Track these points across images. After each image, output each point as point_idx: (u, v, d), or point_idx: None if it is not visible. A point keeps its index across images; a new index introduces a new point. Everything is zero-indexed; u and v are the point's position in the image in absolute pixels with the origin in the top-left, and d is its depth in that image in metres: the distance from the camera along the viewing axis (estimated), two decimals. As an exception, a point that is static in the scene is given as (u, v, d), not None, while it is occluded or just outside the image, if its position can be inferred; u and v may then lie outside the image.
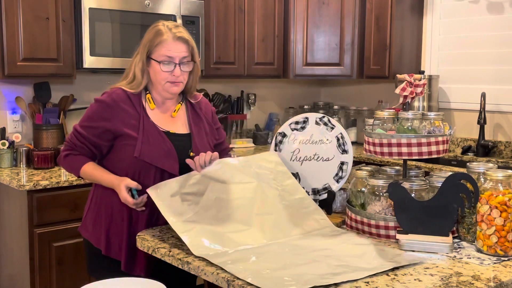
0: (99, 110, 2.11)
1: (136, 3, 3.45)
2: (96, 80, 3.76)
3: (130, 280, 1.83)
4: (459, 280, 1.58)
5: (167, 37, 2.10)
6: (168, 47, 2.09)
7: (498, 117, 3.90)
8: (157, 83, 2.13)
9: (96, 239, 2.15)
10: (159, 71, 2.10)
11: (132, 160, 2.08)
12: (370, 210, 2.01)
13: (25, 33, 3.13)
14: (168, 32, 2.10)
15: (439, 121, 2.07)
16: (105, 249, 2.12)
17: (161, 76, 2.10)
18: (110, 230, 2.12)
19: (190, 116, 2.24)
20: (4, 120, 3.45)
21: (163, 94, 2.16)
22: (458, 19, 4.10)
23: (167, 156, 2.10)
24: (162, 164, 2.09)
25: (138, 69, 2.13)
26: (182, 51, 2.11)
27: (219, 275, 1.61)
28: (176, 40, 2.10)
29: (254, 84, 4.60)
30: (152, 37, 2.11)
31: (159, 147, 2.10)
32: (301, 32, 4.32)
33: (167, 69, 2.09)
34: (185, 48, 2.12)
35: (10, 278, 3.19)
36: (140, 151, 2.07)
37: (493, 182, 1.81)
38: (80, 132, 2.12)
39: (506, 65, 3.85)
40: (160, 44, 2.09)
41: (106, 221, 2.13)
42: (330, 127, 2.27)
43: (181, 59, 2.11)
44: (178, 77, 2.11)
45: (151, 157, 2.08)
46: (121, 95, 2.12)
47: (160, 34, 2.10)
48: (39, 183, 2.90)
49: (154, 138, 2.10)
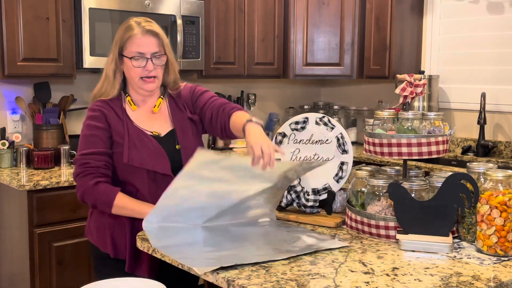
0: (93, 123, 2.09)
1: (136, 3, 3.45)
2: (96, 80, 3.71)
3: (130, 280, 1.83)
4: (459, 280, 1.58)
5: (137, 32, 2.06)
6: (138, 42, 2.06)
7: (498, 117, 3.90)
8: (132, 80, 2.11)
9: (103, 244, 2.12)
10: (131, 67, 2.07)
11: (122, 167, 2.07)
12: (370, 210, 2.01)
13: (25, 33, 3.13)
14: (137, 27, 2.07)
15: (439, 121, 2.08)
16: (113, 253, 2.10)
17: (134, 72, 2.08)
18: (114, 232, 2.10)
19: (171, 111, 2.20)
20: (4, 120, 3.45)
21: (139, 91, 2.13)
22: (458, 19, 4.10)
23: (156, 157, 2.07)
24: (152, 165, 2.06)
25: (110, 69, 2.11)
26: (152, 45, 2.07)
27: (219, 275, 1.61)
28: (145, 34, 2.07)
29: (254, 84, 4.60)
30: (122, 34, 2.09)
31: (147, 149, 2.07)
32: (301, 32, 4.32)
33: (138, 65, 2.06)
34: (155, 41, 2.08)
35: (10, 278, 3.19)
36: (128, 157, 2.05)
37: (493, 182, 1.81)
38: (91, 152, 2.05)
39: (506, 65, 3.85)
40: (130, 39, 2.06)
41: (110, 224, 2.10)
42: (330, 127, 2.27)
43: (152, 54, 2.07)
44: (151, 71, 2.08)
45: (141, 160, 2.05)
46: (102, 105, 2.11)
47: (129, 29, 2.08)
48: (39, 183, 2.90)
49: (141, 141, 2.08)
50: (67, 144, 3.45)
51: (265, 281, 1.57)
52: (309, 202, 2.21)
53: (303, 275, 1.62)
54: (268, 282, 1.56)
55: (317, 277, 1.60)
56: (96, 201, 2.05)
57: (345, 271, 1.65)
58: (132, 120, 2.12)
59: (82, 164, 2.05)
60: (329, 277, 1.60)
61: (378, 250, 1.85)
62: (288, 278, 1.59)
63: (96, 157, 2.05)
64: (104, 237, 2.12)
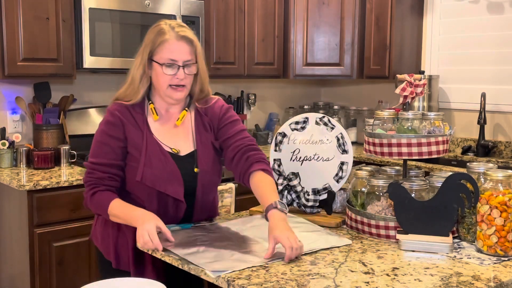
0: (107, 131, 2.00)
1: (136, 3, 3.45)
2: (96, 80, 3.76)
3: (130, 280, 1.83)
4: (459, 280, 1.58)
5: (170, 37, 1.96)
6: (171, 48, 1.95)
7: (498, 117, 3.90)
8: (159, 87, 2.00)
9: (106, 251, 2.08)
10: (161, 74, 1.96)
11: (134, 184, 1.99)
12: (370, 210, 2.01)
13: (25, 33, 3.13)
14: (171, 31, 1.96)
15: (439, 121, 2.08)
16: (115, 262, 2.05)
17: (163, 80, 1.97)
18: (118, 243, 2.05)
19: (195, 128, 2.08)
20: (4, 120, 3.45)
21: (165, 99, 2.02)
22: (458, 19, 4.10)
23: (170, 180, 1.98)
24: (165, 188, 1.97)
25: (137, 73, 2.00)
26: (185, 52, 1.97)
27: (219, 275, 1.61)
28: (179, 40, 1.96)
29: (254, 84, 4.60)
30: (153, 37, 1.97)
31: (162, 170, 1.97)
32: (301, 32, 4.32)
33: (169, 72, 1.96)
34: (188, 49, 1.98)
35: (10, 278, 3.19)
36: (142, 175, 1.96)
37: (493, 182, 1.81)
38: (98, 162, 1.98)
39: (506, 65, 3.85)
40: (162, 45, 1.95)
41: (113, 234, 2.06)
42: (330, 127, 2.27)
43: (184, 62, 1.97)
44: (182, 80, 1.97)
45: (154, 181, 1.96)
46: (123, 111, 2.01)
47: (162, 33, 1.96)
48: (39, 183, 2.90)
49: (157, 160, 1.98)
50: (67, 144, 3.45)
51: (265, 281, 1.57)
52: (309, 202, 2.21)
53: (303, 275, 1.62)
54: (268, 282, 1.56)
55: (317, 277, 1.60)
56: (96, 211, 2.02)
57: (345, 271, 1.65)
58: (152, 131, 2.02)
59: (88, 172, 2.01)
60: (329, 277, 1.60)
61: (378, 250, 1.85)
62: (288, 278, 1.59)
63: (102, 168, 1.98)
64: (108, 245, 2.08)
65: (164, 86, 1.98)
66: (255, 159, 2.02)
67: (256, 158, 2.02)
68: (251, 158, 2.02)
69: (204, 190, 2.06)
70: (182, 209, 2.03)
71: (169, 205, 2.01)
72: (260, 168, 1.99)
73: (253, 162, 2.01)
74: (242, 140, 2.06)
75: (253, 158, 2.02)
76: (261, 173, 1.98)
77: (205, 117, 2.10)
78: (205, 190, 2.07)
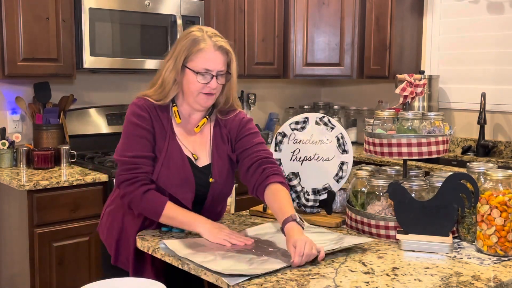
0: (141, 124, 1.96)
1: (136, 3, 3.45)
2: (96, 80, 3.76)
3: (130, 280, 1.83)
4: (459, 280, 1.59)
5: (207, 46, 1.95)
6: (208, 57, 1.94)
7: (498, 117, 3.90)
8: (189, 94, 1.98)
9: (109, 246, 2.10)
10: (194, 82, 1.95)
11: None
12: (370, 210, 2.01)
13: (25, 33, 3.13)
14: (207, 40, 1.95)
15: (439, 121, 2.08)
16: (114, 259, 2.07)
17: (195, 87, 1.96)
18: (119, 242, 2.05)
19: (213, 138, 2.07)
20: (4, 120, 3.45)
21: (194, 106, 2.01)
22: (458, 19, 4.10)
23: (183, 185, 1.98)
24: (175, 192, 1.97)
25: (170, 78, 1.97)
26: (220, 63, 1.96)
27: (219, 275, 1.61)
28: (216, 50, 1.96)
29: (254, 84, 4.60)
30: (190, 44, 1.95)
31: (178, 174, 1.97)
32: (301, 32, 4.32)
33: (203, 81, 1.95)
34: (224, 59, 1.98)
35: (10, 278, 3.19)
36: (158, 175, 1.96)
37: (493, 182, 1.81)
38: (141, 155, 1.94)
39: (506, 65, 3.85)
40: (199, 53, 1.94)
41: (117, 232, 2.06)
42: (330, 127, 2.27)
43: (218, 71, 1.96)
44: (214, 89, 1.97)
45: (167, 183, 1.96)
46: (150, 107, 1.99)
47: (197, 41, 1.95)
48: (39, 183, 2.90)
49: (175, 163, 1.98)
50: (67, 144, 3.45)
51: (265, 281, 1.57)
52: (309, 202, 2.21)
53: (303, 275, 1.62)
54: (268, 282, 1.56)
55: (317, 277, 1.60)
56: (144, 210, 1.96)
57: (345, 271, 1.65)
58: (175, 133, 2.02)
59: (131, 168, 1.93)
60: (329, 277, 1.60)
61: (378, 250, 1.85)
62: (288, 278, 1.59)
63: (146, 161, 1.95)
64: (110, 240, 2.09)
65: (195, 93, 1.97)
66: (271, 172, 1.99)
67: (273, 171, 2.00)
68: (267, 170, 2.00)
69: (214, 200, 2.07)
70: None
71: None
72: (277, 181, 1.97)
73: (269, 174, 1.99)
74: (259, 152, 2.04)
75: (269, 171, 1.99)
76: (278, 185, 1.96)
77: (224, 128, 2.09)
78: (215, 201, 2.08)
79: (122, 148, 1.98)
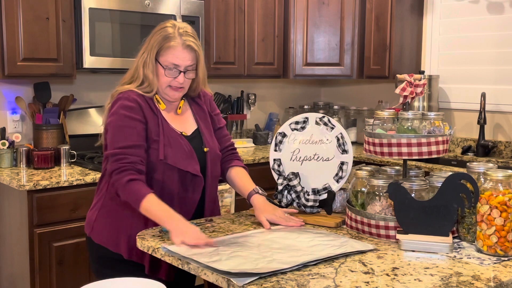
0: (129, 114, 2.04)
1: (136, 3, 3.45)
2: (96, 80, 3.76)
3: (130, 280, 1.83)
4: (459, 280, 1.59)
5: (176, 44, 2.07)
6: (177, 55, 2.07)
7: (498, 117, 3.90)
8: (159, 86, 2.12)
9: (115, 244, 2.10)
10: (163, 75, 2.09)
11: (156, 164, 2.06)
12: (370, 210, 2.01)
13: (25, 33, 3.13)
14: (177, 38, 2.08)
15: (439, 121, 2.08)
16: (127, 254, 2.08)
17: (164, 80, 2.10)
18: (132, 236, 2.06)
19: (195, 111, 2.25)
20: (4, 120, 3.45)
21: (164, 97, 2.16)
22: (458, 19, 4.10)
23: (188, 158, 2.11)
24: (185, 166, 2.09)
25: (149, 71, 2.09)
26: (188, 59, 2.09)
27: (219, 275, 1.61)
28: (185, 48, 2.08)
29: (254, 84, 4.60)
30: (161, 40, 2.08)
31: (181, 149, 2.10)
32: (301, 32, 4.32)
33: (170, 75, 2.09)
34: (192, 56, 2.10)
35: (10, 278, 3.19)
36: (164, 154, 2.06)
37: (493, 182, 1.81)
38: (127, 145, 2.01)
39: (506, 65, 3.85)
40: (169, 50, 2.07)
41: (127, 227, 2.08)
42: (330, 127, 2.27)
43: (186, 67, 2.10)
44: (181, 84, 2.11)
45: (174, 159, 2.07)
46: (139, 98, 2.08)
47: (168, 38, 2.07)
48: (39, 183, 2.90)
49: (175, 141, 2.10)
50: (67, 144, 3.45)
51: (265, 281, 1.57)
52: (309, 202, 2.21)
53: (303, 275, 1.62)
54: (268, 282, 1.56)
55: (317, 277, 1.60)
56: (128, 199, 2.01)
57: (345, 271, 1.65)
58: (165, 118, 2.14)
59: (119, 159, 2.01)
60: (329, 277, 1.60)
61: (378, 250, 1.85)
62: (288, 278, 1.59)
63: (133, 151, 2.02)
64: (117, 237, 2.09)
65: (163, 85, 2.12)
66: (234, 157, 2.34)
67: (234, 157, 2.34)
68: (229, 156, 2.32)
69: (213, 166, 2.21)
70: (200, 186, 2.14)
71: (187, 183, 2.11)
72: (238, 165, 2.31)
73: (231, 159, 2.32)
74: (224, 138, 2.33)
75: (231, 157, 2.33)
76: (239, 168, 2.30)
77: (200, 101, 2.28)
78: (213, 166, 2.22)
79: (111, 142, 2.06)
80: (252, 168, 3.92)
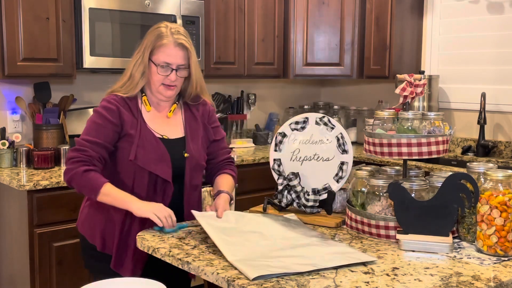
0: (105, 114, 2.12)
1: (136, 3, 3.45)
2: (96, 80, 3.76)
3: (130, 280, 1.83)
4: (459, 280, 1.59)
5: (168, 42, 2.13)
6: (167, 52, 2.13)
7: (498, 117, 3.90)
8: (152, 84, 2.17)
9: (91, 236, 2.18)
10: (156, 73, 2.14)
11: (126, 164, 2.12)
12: (370, 210, 2.01)
13: (25, 33, 3.13)
14: (169, 36, 2.13)
15: (439, 121, 2.08)
16: (101, 246, 2.16)
17: (157, 78, 2.14)
18: (105, 230, 2.16)
19: (186, 118, 2.26)
20: (4, 120, 3.45)
21: (157, 95, 2.19)
22: (458, 19, 4.10)
23: (160, 161, 2.12)
24: (155, 169, 2.11)
25: (138, 71, 2.15)
26: (180, 57, 2.14)
27: (219, 275, 1.61)
28: (176, 46, 2.13)
29: (254, 84, 4.60)
30: (153, 39, 2.14)
31: (153, 152, 2.12)
32: (301, 32, 4.32)
33: (163, 73, 2.13)
34: (183, 54, 2.15)
35: (10, 278, 3.19)
36: (135, 155, 2.10)
37: (493, 182, 1.81)
38: (92, 141, 2.08)
39: (506, 65, 3.85)
40: (161, 48, 2.13)
41: (100, 221, 2.16)
42: (330, 127, 2.27)
43: (178, 65, 2.14)
44: (173, 81, 2.15)
45: (144, 161, 2.10)
46: (119, 101, 2.15)
47: (161, 37, 2.13)
48: (39, 183, 2.90)
49: (149, 143, 2.13)
50: (67, 144, 3.45)
51: (265, 281, 1.57)
52: (309, 202, 2.21)
53: (303, 275, 1.62)
54: (268, 282, 1.56)
55: (317, 277, 1.60)
56: (84, 187, 2.06)
57: (345, 271, 1.65)
58: (146, 121, 2.17)
59: (79, 149, 2.07)
60: (329, 277, 1.60)
61: (378, 250, 1.85)
62: (288, 278, 1.59)
63: (95, 147, 2.08)
64: (93, 230, 2.18)
65: (157, 84, 2.16)
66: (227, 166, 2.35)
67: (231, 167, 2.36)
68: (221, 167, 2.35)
69: (192, 174, 2.21)
70: (169, 192, 2.15)
71: (157, 187, 2.13)
72: (228, 172, 2.32)
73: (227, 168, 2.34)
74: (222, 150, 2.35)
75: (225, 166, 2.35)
76: (227, 175, 2.31)
77: (196, 111, 2.29)
78: (193, 174, 2.22)
79: (82, 134, 2.14)
80: (252, 168, 3.94)
